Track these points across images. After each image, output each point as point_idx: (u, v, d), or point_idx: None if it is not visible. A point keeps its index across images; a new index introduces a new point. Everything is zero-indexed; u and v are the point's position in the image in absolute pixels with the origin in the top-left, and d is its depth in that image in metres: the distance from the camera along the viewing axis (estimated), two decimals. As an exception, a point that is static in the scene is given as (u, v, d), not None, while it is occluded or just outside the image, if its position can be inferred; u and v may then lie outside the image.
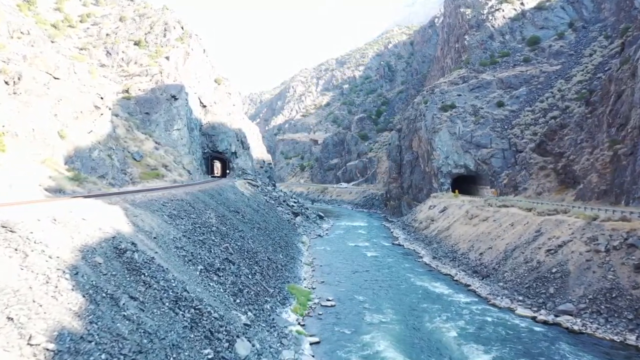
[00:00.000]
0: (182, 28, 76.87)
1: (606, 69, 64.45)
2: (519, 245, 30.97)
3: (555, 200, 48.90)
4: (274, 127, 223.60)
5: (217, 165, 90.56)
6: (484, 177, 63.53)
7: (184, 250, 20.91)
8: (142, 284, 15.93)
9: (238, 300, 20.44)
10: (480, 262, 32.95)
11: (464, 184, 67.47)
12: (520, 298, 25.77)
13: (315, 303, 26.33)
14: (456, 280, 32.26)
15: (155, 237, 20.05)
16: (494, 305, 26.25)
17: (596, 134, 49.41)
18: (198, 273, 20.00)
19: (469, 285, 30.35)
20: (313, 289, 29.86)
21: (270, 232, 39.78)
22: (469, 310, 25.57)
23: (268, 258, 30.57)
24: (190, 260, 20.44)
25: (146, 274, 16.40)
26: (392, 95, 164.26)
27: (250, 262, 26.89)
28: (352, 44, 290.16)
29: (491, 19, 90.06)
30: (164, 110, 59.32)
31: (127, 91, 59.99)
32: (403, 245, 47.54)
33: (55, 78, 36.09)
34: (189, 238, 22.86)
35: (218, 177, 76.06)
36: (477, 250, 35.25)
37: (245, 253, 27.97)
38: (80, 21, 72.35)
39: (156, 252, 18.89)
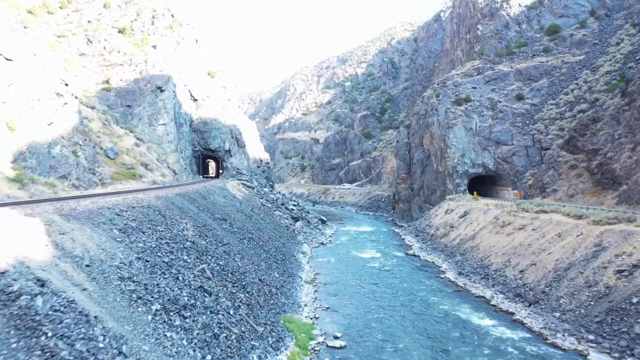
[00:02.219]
0: (172, 16, 70.68)
1: (638, 57, 58.32)
2: (575, 263, 24.68)
3: (591, 204, 42.65)
4: (274, 126, 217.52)
5: (212, 165, 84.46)
6: (504, 178, 57.20)
7: (133, 281, 14.66)
8: (40, 351, 9.72)
9: (209, 357, 14.18)
10: (523, 283, 26.65)
11: (482, 185, 61.20)
12: (591, 337, 19.46)
13: (319, 343, 20.07)
14: (494, 305, 25.97)
15: (88, 265, 13.82)
16: (554, 345, 19.96)
17: (637, 128, 43.15)
18: (150, 317, 13.74)
19: (513, 314, 24.07)
20: (316, 319, 23.60)
21: (264, 242, 33.53)
22: (522, 353, 19.31)
23: (259, 279, 24.31)
24: (140, 298, 14.18)
25: (50, 333, 10.19)
26: (396, 92, 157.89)
27: (235, 289, 20.63)
28: (354, 41, 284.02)
29: (506, 7, 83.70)
30: (148, 103, 53.16)
31: (107, 82, 53.86)
32: (419, 256, 41.23)
33: (7, 59, 29.92)
34: (146, 261, 16.61)
35: (212, 177, 69.95)
36: (515, 266, 28.95)
37: (230, 275, 21.71)
38: (60, 7, 66.18)
39: (83, 290, 12.67)
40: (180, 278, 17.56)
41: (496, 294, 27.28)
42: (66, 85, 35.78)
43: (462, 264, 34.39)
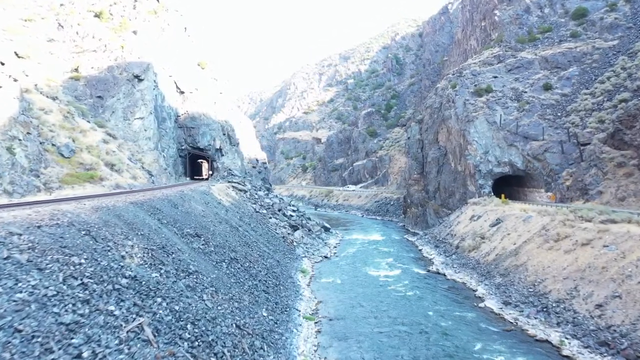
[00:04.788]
0: (158, 0, 63.50)
1: (685, 40, 50.83)
2: (689, 300, 17.19)
3: (650, 209, 35.05)
4: (274, 125, 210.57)
5: (205, 166, 77.30)
6: (535, 178, 49.66)
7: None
8: None
9: None
10: (607, 324, 19.18)
11: (507, 186, 53.71)
12: None
13: None
14: (567, 357, 18.55)
15: None
16: None
17: None
18: None
19: (603, 375, 16.64)
20: (319, 386, 16.24)
21: (252, 263, 26.15)
22: None
23: (237, 327, 16.93)
24: None
25: None
26: (402, 88, 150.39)
27: (192, 354, 13.25)
28: (356, 38, 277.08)
29: (526, -9, 76.16)
30: (123, 93, 45.96)
31: (76, 70, 46.72)
32: (444, 275, 33.77)
33: None
34: (15, 332, 9.29)
35: (204, 179, 62.69)
36: (587, 297, 21.47)
37: (188, 328, 14.32)
38: (31, -10, 58.98)
39: None
40: (86, 354, 10.21)
41: (567, 338, 19.82)
42: (2, 64, 28.61)
43: (506, 288, 26.87)
